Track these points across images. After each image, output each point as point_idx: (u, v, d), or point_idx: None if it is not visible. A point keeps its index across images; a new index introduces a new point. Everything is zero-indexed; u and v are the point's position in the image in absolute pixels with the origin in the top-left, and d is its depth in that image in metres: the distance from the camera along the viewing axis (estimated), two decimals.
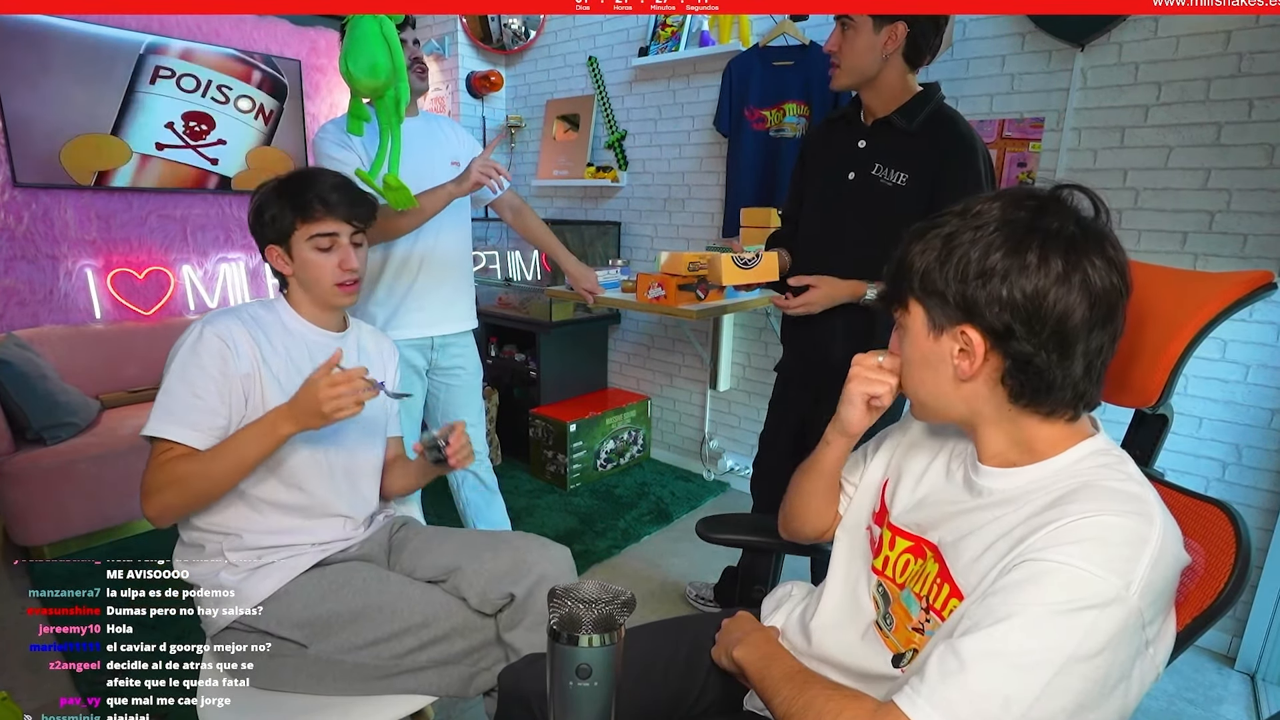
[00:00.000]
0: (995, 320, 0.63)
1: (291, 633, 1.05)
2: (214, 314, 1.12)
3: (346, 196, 1.16)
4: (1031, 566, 0.57)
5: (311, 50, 3.25)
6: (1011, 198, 0.65)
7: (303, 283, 1.18)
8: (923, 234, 0.68)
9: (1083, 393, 0.65)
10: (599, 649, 0.59)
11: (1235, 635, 1.79)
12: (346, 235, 1.17)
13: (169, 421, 1.03)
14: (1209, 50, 1.67)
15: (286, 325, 1.18)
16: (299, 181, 1.15)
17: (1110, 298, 0.62)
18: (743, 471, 2.83)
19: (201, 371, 1.05)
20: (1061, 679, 0.54)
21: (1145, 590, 0.55)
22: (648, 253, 3.02)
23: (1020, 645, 0.55)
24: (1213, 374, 1.77)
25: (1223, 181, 1.70)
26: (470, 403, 1.93)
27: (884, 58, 1.36)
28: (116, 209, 2.76)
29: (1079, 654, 0.54)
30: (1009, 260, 0.61)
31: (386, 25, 1.51)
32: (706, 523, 1.13)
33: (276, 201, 1.14)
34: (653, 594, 2.10)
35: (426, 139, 1.74)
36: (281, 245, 1.16)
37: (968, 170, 1.36)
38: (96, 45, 2.61)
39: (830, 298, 1.47)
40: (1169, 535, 0.58)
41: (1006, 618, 0.56)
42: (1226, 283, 0.71)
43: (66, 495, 2.14)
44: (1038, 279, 0.61)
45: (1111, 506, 0.58)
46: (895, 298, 0.71)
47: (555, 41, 3.16)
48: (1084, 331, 0.62)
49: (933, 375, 0.69)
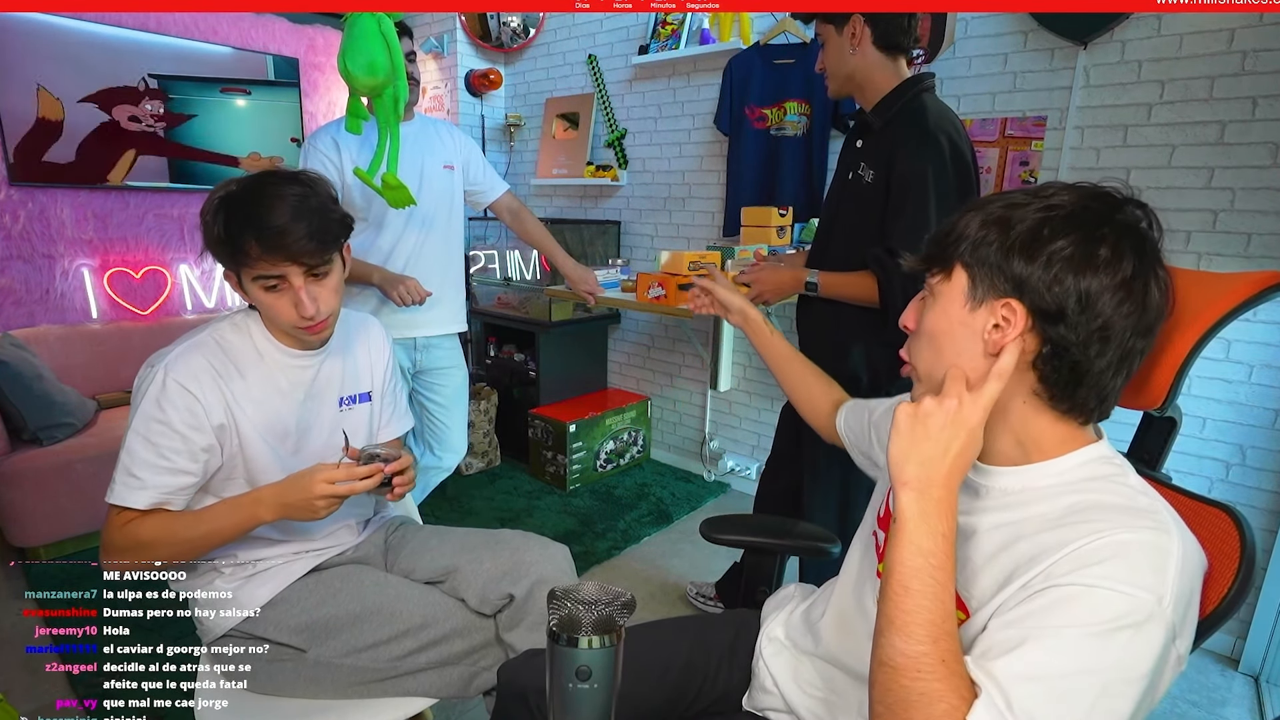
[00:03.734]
0: (1050, 301, 0.60)
1: (290, 638, 1.04)
2: (178, 354, 0.98)
3: (295, 232, 0.93)
4: (1056, 592, 0.55)
5: (310, 48, 3.24)
6: (1086, 190, 0.64)
7: (265, 316, 1.04)
8: (985, 204, 0.66)
9: (1105, 396, 0.64)
10: (599, 650, 0.59)
11: (1239, 637, 1.78)
12: (299, 275, 0.96)
13: (133, 488, 0.95)
14: (1212, 48, 1.66)
15: (259, 349, 1.05)
16: (241, 208, 0.94)
17: (1159, 313, 0.62)
18: (743, 472, 2.82)
19: (166, 429, 0.95)
20: (1105, 701, 0.52)
21: (1176, 602, 0.54)
22: (648, 252, 3.01)
23: (1062, 668, 0.52)
24: (1217, 374, 1.76)
25: (1226, 180, 1.70)
26: (458, 405, 1.94)
27: (853, 52, 1.37)
28: (113, 208, 2.75)
29: (1127, 676, 0.52)
30: (1079, 248, 0.60)
31: (385, 23, 1.50)
32: (710, 523, 1.12)
33: (214, 228, 0.95)
34: (653, 595, 2.09)
35: (421, 143, 1.75)
36: (234, 273, 0.98)
37: (909, 165, 1.30)
38: (94, 44, 2.60)
39: (776, 287, 1.51)
40: (1188, 543, 0.57)
41: (1042, 641, 0.54)
42: (1234, 283, 0.70)
43: (63, 496, 2.13)
44: (1104, 276, 0.60)
45: (1126, 523, 0.57)
46: (939, 261, 0.68)
47: (555, 40, 3.15)
48: (1125, 335, 0.61)
49: (953, 348, 0.66)
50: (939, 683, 0.54)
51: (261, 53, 3.06)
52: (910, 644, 0.55)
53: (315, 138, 1.69)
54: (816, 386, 1.10)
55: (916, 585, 0.57)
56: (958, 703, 0.53)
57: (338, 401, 1.13)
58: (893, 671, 0.56)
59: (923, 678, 0.54)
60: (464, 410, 1.99)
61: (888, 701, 0.56)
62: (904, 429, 0.63)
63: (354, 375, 1.16)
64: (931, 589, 0.57)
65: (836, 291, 1.43)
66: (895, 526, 0.60)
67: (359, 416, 1.16)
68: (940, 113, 1.35)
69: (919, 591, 0.57)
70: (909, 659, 0.55)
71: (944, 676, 0.54)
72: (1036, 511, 0.63)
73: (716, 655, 0.95)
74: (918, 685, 0.54)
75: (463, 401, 1.96)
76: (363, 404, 1.17)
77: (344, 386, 1.14)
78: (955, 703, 0.53)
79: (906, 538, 0.59)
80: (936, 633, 0.56)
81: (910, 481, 0.60)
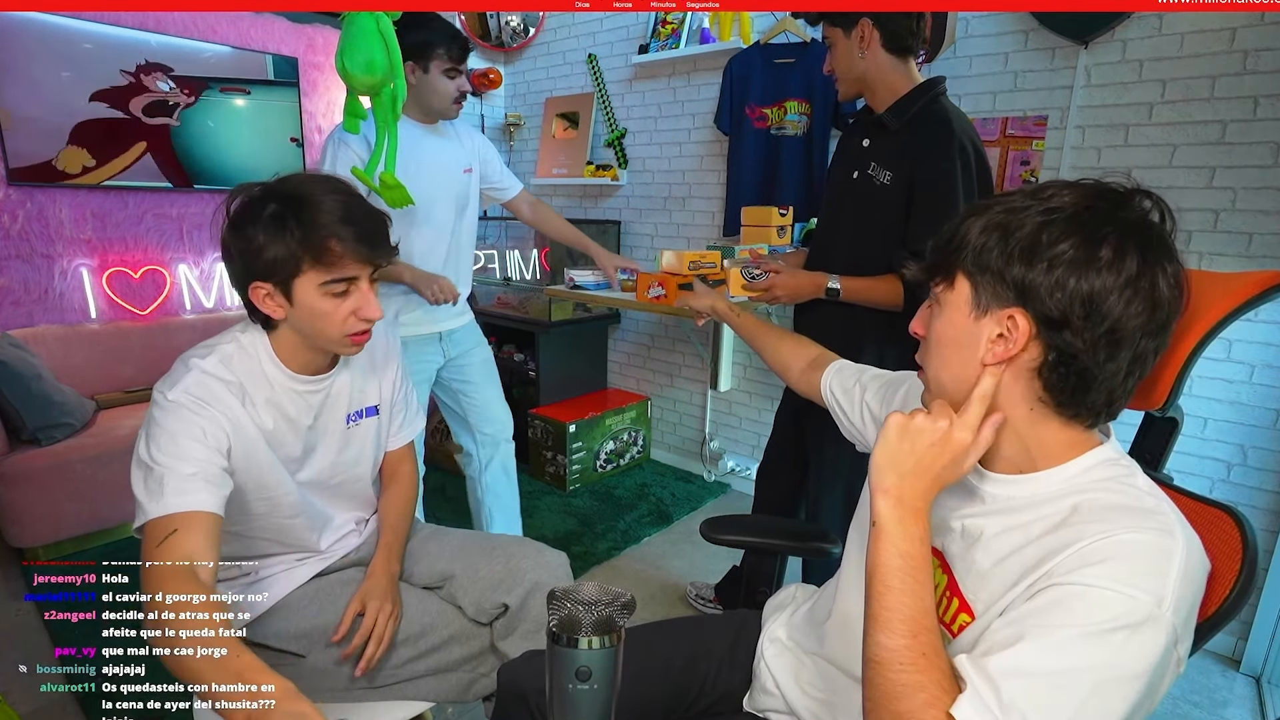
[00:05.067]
0: (1053, 307, 0.59)
1: (289, 644, 1.03)
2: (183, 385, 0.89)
3: (369, 229, 0.91)
4: (1057, 591, 0.55)
5: (309, 47, 3.23)
6: (1088, 188, 0.62)
7: (301, 330, 0.96)
8: (985, 209, 0.65)
9: (1114, 400, 0.63)
10: (598, 651, 0.58)
11: (1240, 638, 1.77)
12: (366, 278, 0.94)
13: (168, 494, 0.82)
14: (1214, 48, 1.66)
15: (268, 376, 0.97)
16: (301, 205, 0.88)
17: (1170, 309, 0.60)
18: (744, 472, 2.82)
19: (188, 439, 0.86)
20: (1096, 700, 0.52)
21: (1178, 605, 0.53)
22: (648, 252, 3.01)
23: (1053, 665, 0.53)
24: (1218, 374, 1.76)
25: (1227, 180, 1.69)
26: (488, 379, 2.00)
27: (863, 55, 1.38)
28: (112, 207, 2.74)
29: (1120, 675, 0.52)
30: (1080, 251, 0.59)
31: (384, 22, 1.50)
32: (711, 523, 1.12)
33: (275, 231, 0.87)
34: (653, 596, 2.09)
35: (442, 148, 1.78)
36: (277, 284, 0.90)
37: (938, 169, 1.32)
38: (93, 43, 2.59)
39: (793, 291, 1.48)
40: (1192, 546, 0.56)
41: (1037, 639, 0.54)
42: (1236, 283, 0.70)
43: (62, 496, 2.12)
44: (1108, 276, 0.58)
45: (1130, 523, 0.56)
46: (942, 270, 0.67)
47: (555, 39, 3.14)
48: (1136, 337, 0.60)
49: (959, 357, 0.66)
50: (920, 674, 0.56)
51: (260, 52, 3.06)
52: (893, 638, 0.58)
53: (345, 136, 1.64)
54: (789, 346, 1.14)
55: (897, 583, 0.60)
56: (938, 693, 0.55)
57: (345, 418, 1.09)
58: (878, 666, 0.58)
59: (905, 670, 0.57)
60: (496, 384, 2.04)
61: (875, 696, 0.58)
62: (892, 439, 0.64)
63: (360, 390, 1.11)
64: (911, 586, 0.60)
65: (860, 297, 1.42)
66: (875, 530, 0.63)
67: (366, 431, 1.13)
68: (960, 117, 1.38)
69: (899, 589, 0.60)
70: (891, 653, 0.58)
71: (924, 669, 0.56)
72: (1043, 514, 0.62)
73: (717, 656, 0.95)
74: (901, 677, 0.56)
75: (492, 375, 2.02)
76: (369, 418, 1.13)
77: (351, 403, 1.09)
78: (936, 693, 0.55)
79: (887, 540, 0.61)
80: (916, 628, 0.58)
81: (889, 490, 0.63)
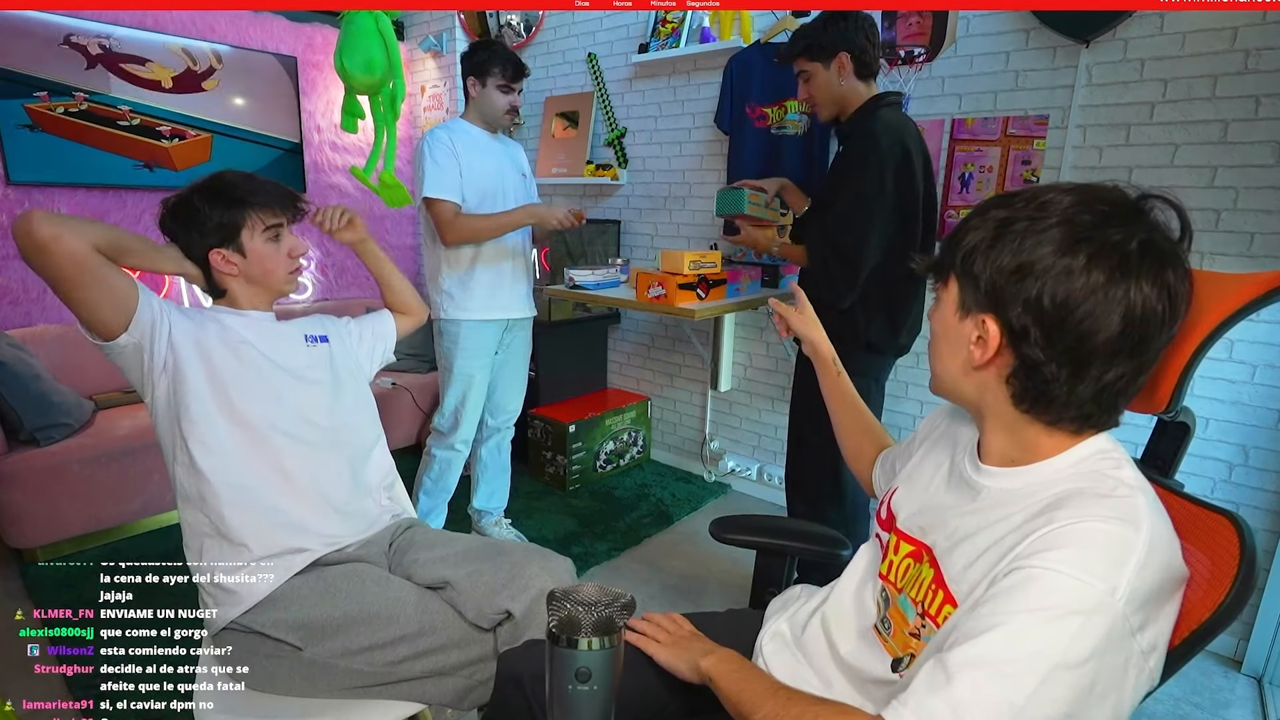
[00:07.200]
0: (1016, 319, 0.61)
1: (287, 635, 1.04)
2: None
3: (274, 187, 1.22)
4: (1018, 574, 0.57)
5: (308, 46, 3.23)
6: (1087, 195, 0.61)
7: (252, 277, 1.21)
8: (983, 212, 0.66)
9: (1089, 415, 0.63)
10: (598, 652, 0.58)
11: (1242, 639, 1.77)
12: (287, 224, 1.23)
13: None
14: (1215, 47, 1.66)
15: (223, 323, 1.18)
16: (226, 185, 1.18)
17: (1146, 325, 0.59)
18: (744, 473, 2.81)
19: None
20: (1047, 687, 0.53)
21: (1131, 596, 0.54)
22: (648, 251, 3.00)
23: (1005, 654, 0.54)
24: (1220, 374, 1.76)
25: (1229, 179, 1.69)
26: (515, 366, 2.20)
27: (841, 82, 1.63)
28: (111, 207, 2.74)
29: (1065, 661, 0.53)
30: (1054, 259, 0.59)
31: (383, 22, 1.50)
32: (720, 523, 1.11)
33: (215, 204, 1.16)
34: (653, 596, 2.08)
35: (503, 156, 2.01)
36: (227, 246, 1.18)
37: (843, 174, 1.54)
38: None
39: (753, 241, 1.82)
40: (1157, 541, 0.56)
41: (992, 627, 0.55)
42: (1238, 284, 0.69)
43: (60, 497, 2.12)
44: (1072, 285, 0.58)
45: (1098, 512, 0.57)
46: (939, 269, 0.70)
47: (554, 38, 3.14)
48: (1105, 354, 0.59)
49: (950, 353, 0.69)
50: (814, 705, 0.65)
51: (260, 51, 3.06)
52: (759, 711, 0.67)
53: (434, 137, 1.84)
54: (865, 437, 1.05)
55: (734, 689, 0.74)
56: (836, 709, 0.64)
57: (303, 338, 1.27)
58: None
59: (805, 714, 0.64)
60: (521, 374, 2.22)
61: None
62: None
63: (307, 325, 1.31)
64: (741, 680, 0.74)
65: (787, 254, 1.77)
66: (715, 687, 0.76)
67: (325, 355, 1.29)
68: (889, 122, 1.55)
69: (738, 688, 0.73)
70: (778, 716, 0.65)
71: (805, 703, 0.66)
72: (1027, 504, 0.63)
73: None
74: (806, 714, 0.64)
75: (521, 364, 2.20)
76: (324, 344, 1.30)
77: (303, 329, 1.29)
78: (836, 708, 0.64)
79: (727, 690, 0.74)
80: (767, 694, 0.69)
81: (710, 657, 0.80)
